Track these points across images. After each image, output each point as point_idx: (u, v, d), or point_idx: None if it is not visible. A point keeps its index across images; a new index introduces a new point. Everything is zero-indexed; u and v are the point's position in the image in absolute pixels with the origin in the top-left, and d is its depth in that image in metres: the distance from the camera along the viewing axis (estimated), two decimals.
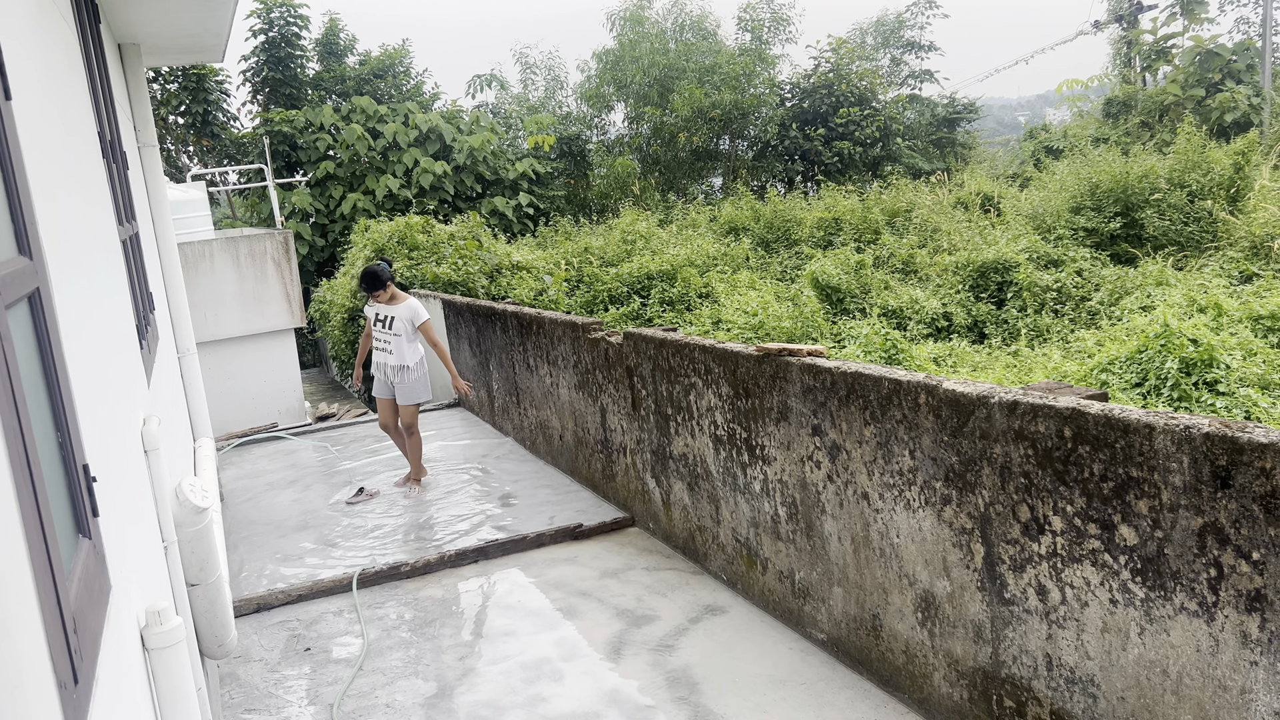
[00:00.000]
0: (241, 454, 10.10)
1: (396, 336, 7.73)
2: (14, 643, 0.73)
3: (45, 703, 0.76)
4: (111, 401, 2.51)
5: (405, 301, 7.80)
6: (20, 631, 0.75)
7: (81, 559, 1.56)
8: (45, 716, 0.74)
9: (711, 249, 18.92)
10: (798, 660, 4.49)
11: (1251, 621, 2.52)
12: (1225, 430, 2.54)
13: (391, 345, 7.75)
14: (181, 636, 2.14)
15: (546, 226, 25.17)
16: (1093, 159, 20.28)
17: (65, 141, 2.65)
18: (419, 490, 7.89)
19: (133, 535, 2.43)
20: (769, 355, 4.62)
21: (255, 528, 7.35)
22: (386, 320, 7.77)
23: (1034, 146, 30.44)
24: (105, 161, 4.09)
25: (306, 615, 5.59)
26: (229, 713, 4.52)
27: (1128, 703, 2.93)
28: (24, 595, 0.72)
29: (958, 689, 3.68)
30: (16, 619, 0.73)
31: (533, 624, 5.18)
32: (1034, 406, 3.12)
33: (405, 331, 7.74)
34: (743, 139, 31.76)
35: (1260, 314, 10.42)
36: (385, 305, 7.77)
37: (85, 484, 1.72)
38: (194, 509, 3.31)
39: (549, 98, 33.76)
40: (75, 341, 1.97)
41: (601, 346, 6.71)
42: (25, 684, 0.69)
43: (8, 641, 0.70)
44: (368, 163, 24.89)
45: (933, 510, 3.66)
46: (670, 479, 5.94)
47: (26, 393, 1.38)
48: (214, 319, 12.59)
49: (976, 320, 15.05)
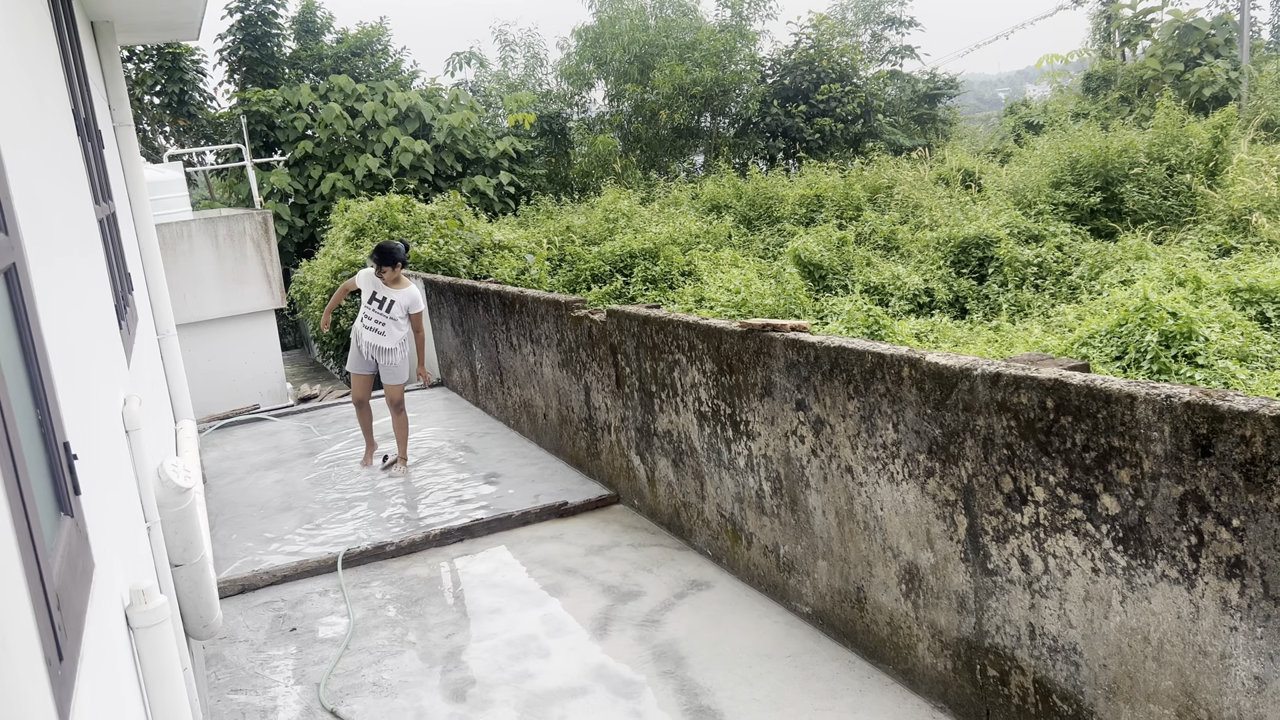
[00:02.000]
0: (223, 436, 10.05)
1: (392, 320, 7.72)
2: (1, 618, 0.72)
3: (34, 679, 0.75)
4: (91, 380, 2.49)
5: (407, 288, 7.77)
6: (6, 607, 0.74)
7: (64, 536, 1.55)
8: (34, 693, 0.73)
9: (694, 227, 18.90)
10: (783, 633, 4.51)
11: (1231, 588, 2.55)
12: (1206, 399, 2.56)
13: (385, 327, 7.73)
14: (166, 615, 2.13)
15: (528, 205, 25.08)
16: (1073, 134, 20.34)
17: (39, 118, 2.61)
18: (403, 470, 7.88)
19: (115, 515, 2.42)
20: (753, 331, 4.62)
21: (239, 509, 7.33)
22: (385, 302, 7.72)
23: (1014, 122, 30.49)
24: (80, 139, 4.03)
25: (291, 596, 5.58)
26: (215, 693, 4.51)
27: (1109, 670, 2.96)
28: (9, 570, 0.71)
29: (942, 659, 3.71)
30: (2, 594, 0.72)
31: (519, 601, 5.19)
32: (1017, 378, 3.13)
33: (401, 317, 7.74)
34: (724, 116, 31.66)
35: (1238, 287, 10.50)
36: (389, 287, 7.73)
37: (66, 461, 1.71)
38: (177, 489, 3.29)
39: (529, 76, 33.54)
40: (53, 319, 1.95)
41: (585, 325, 6.70)
42: (14, 659, 0.68)
43: None
44: (346, 142, 24.69)
45: (916, 483, 3.68)
46: (655, 456, 5.94)
47: (5, 368, 1.37)
48: (193, 300, 12.50)
49: (958, 296, 15.11)
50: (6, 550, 0.68)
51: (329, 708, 4.25)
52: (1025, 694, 3.32)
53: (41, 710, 0.69)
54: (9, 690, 0.61)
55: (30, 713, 0.63)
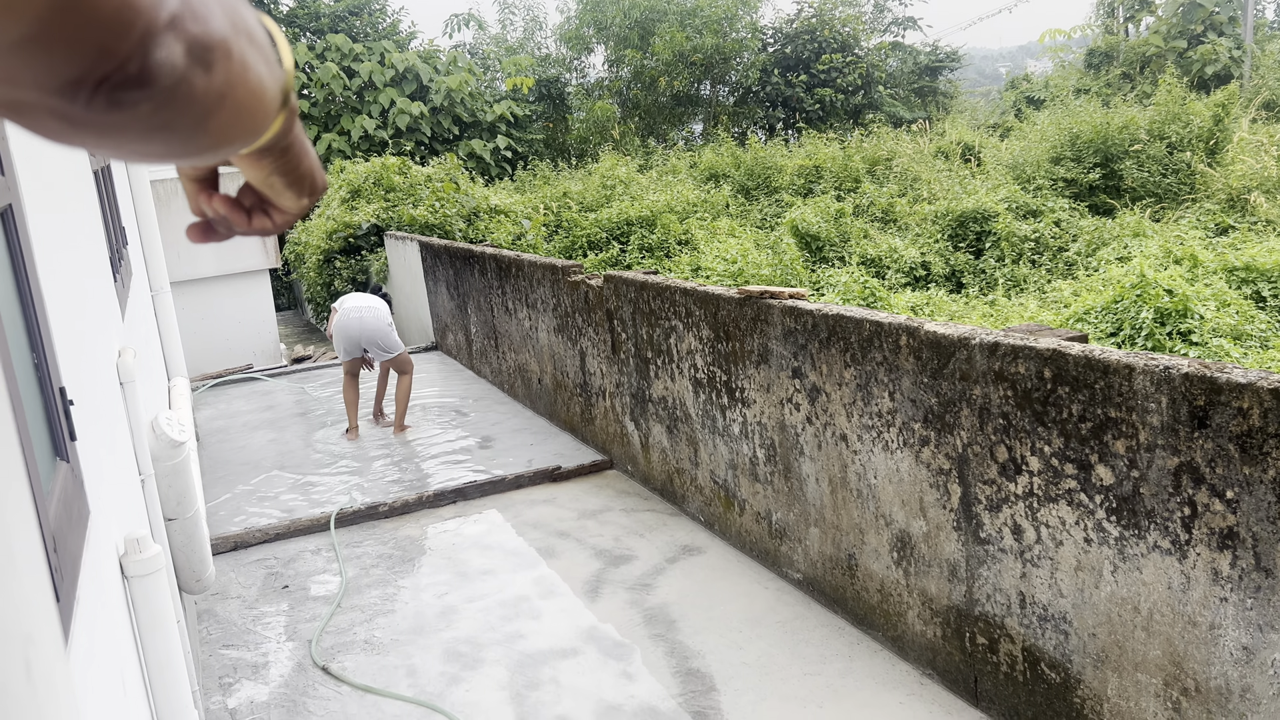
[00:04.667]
0: (217, 395, 10.03)
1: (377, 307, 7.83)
2: (12, 550, 0.71)
3: (44, 613, 0.74)
4: (87, 329, 2.47)
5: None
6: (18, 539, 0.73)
7: (60, 481, 1.54)
8: (44, 624, 0.73)
9: (691, 195, 18.81)
10: (773, 599, 4.54)
11: (1223, 559, 2.56)
12: (1204, 370, 2.56)
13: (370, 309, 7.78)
14: (161, 565, 2.13)
15: (525, 170, 24.92)
16: (1073, 109, 20.25)
17: None
18: (398, 433, 7.89)
19: (110, 466, 2.41)
20: (751, 298, 4.61)
21: (232, 467, 7.33)
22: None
23: (1015, 96, 30.37)
24: None
25: (284, 554, 5.60)
26: (207, 648, 4.53)
27: (1098, 639, 2.99)
28: (20, 504, 0.70)
29: (931, 627, 3.73)
30: (14, 528, 0.71)
31: (511, 563, 5.20)
32: (1015, 348, 3.13)
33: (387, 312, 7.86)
34: (724, 84, 31.44)
35: (1235, 266, 10.50)
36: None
37: (62, 406, 1.70)
38: (171, 442, 3.28)
39: (527, 39, 33.22)
40: (49, 263, 1.93)
41: (582, 290, 6.67)
42: (24, 585, 0.67)
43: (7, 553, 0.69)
44: (343, 102, 24.48)
45: (911, 451, 3.68)
46: (649, 422, 5.95)
47: (2, 310, 1.35)
48: (188, 258, 12.43)
49: (954, 270, 15.09)
50: (17, 487, 0.67)
51: (320, 664, 4.27)
52: (1014, 662, 3.35)
53: (51, 635, 0.69)
54: (21, 613, 0.60)
55: (41, 634, 0.63)
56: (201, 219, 0.66)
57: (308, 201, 0.68)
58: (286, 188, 0.65)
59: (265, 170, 0.63)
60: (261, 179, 0.64)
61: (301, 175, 0.65)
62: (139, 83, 0.40)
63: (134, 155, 0.46)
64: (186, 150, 0.47)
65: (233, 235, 0.67)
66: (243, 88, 0.47)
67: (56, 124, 0.40)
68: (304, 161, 0.64)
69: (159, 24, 0.39)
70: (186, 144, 0.46)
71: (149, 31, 0.39)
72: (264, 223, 0.67)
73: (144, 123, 0.42)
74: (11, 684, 0.52)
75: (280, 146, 0.61)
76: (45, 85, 0.38)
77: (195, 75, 0.42)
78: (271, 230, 0.69)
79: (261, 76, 0.49)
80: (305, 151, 0.64)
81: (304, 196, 0.67)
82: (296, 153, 0.63)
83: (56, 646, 0.68)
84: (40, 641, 0.60)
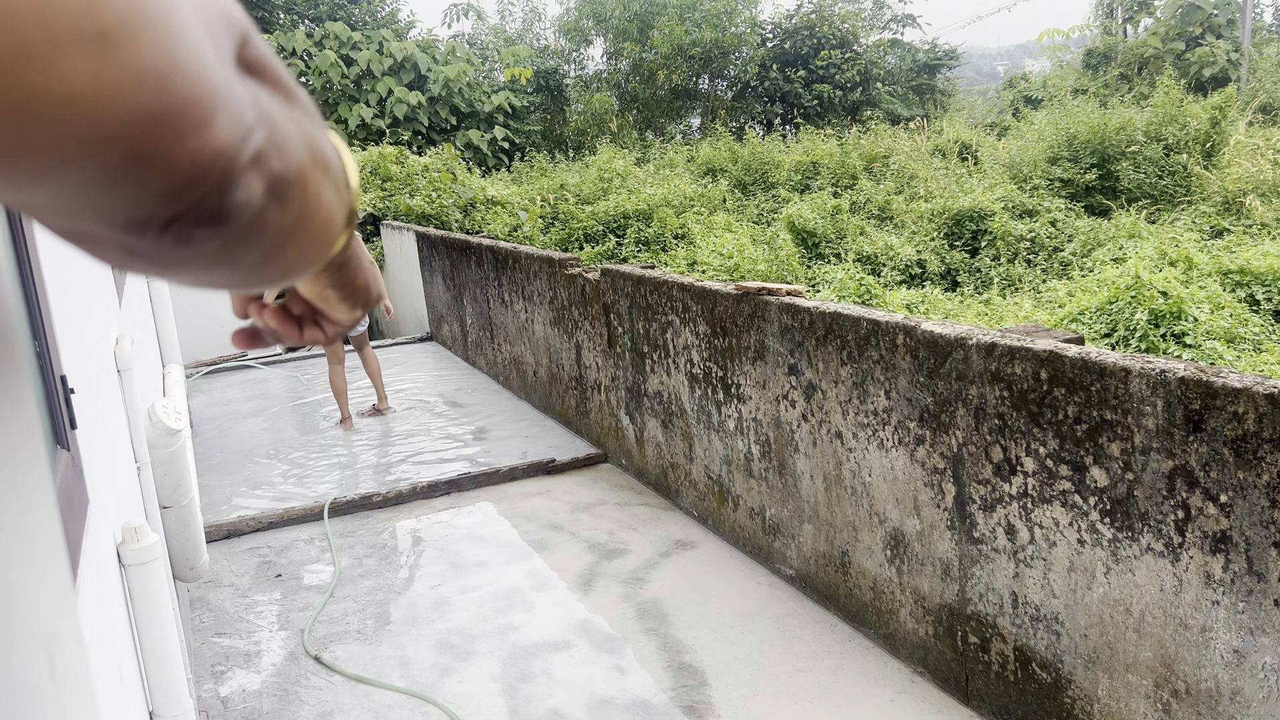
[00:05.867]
0: (210, 382, 10.01)
1: None
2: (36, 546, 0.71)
3: (66, 609, 0.75)
4: (86, 317, 2.47)
5: None
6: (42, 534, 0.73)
7: (61, 469, 1.54)
8: (66, 620, 0.73)
9: (689, 190, 18.80)
10: (766, 595, 4.55)
11: (1215, 562, 2.58)
12: (1200, 374, 2.57)
13: None
14: (158, 553, 2.13)
15: (522, 162, 24.89)
16: (1071, 110, 20.28)
17: None
18: (390, 409, 8.03)
19: (107, 454, 2.41)
20: (748, 294, 4.62)
21: (225, 455, 7.32)
22: None
23: (1013, 96, 30.39)
24: None
25: (277, 542, 5.60)
26: (199, 636, 4.53)
27: (1090, 640, 3.00)
28: (43, 496, 0.70)
29: (923, 625, 3.75)
30: (37, 522, 0.71)
31: (504, 555, 5.21)
32: (1011, 349, 3.14)
33: None
34: (722, 79, 31.42)
35: (1229, 269, 10.54)
36: None
37: (63, 395, 1.70)
38: (167, 430, 3.28)
39: (526, 30, 33.19)
40: (50, 250, 1.92)
41: (579, 283, 6.67)
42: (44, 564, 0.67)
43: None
44: (340, 91, 24.41)
45: (906, 450, 3.69)
46: (644, 416, 5.95)
47: (7, 299, 1.35)
48: None
49: (950, 268, 15.12)
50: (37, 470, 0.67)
51: (313, 654, 4.28)
52: (1005, 661, 3.36)
53: (73, 631, 0.69)
54: (45, 610, 0.60)
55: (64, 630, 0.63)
56: (247, 325, 0.63)
57: (361, 313, 0.64)
58: (341, 300, 0.61)
59: (321, 284, 0.59)
60: (316, 293, 0.60)
61: (357, 289, 0.61)
62: (213, 222, 0.36)
63: (194, 283, 0.42)
64: (250, 280, 0.44)
65: (280, 344, 0.65)
66: (314, 221, 0.44)
67: (119, 255, 0.38)
68: (360, 274, 0.61)
69: (242, 163, 0.36)
70: (251, 275, 0.43)
71: (230, 173, 0.35)
72: (315, 335, 0.64)
73: (211, 258, 0.39)
74: (36, 682, 0.52)
75: (338, 262, 0.58)
76: (112, 222, 0.35)
77: (270, 212, 0.39)
78: (324, 342, 0.66)
79: (332, 205, 0.46)
80: (361, 264, 0.61)
81: (358, 309, 0.63)
82: (353, 266, 0.60)
83: (78, 643, 0.68)
84: (63, 638, 0.61)
